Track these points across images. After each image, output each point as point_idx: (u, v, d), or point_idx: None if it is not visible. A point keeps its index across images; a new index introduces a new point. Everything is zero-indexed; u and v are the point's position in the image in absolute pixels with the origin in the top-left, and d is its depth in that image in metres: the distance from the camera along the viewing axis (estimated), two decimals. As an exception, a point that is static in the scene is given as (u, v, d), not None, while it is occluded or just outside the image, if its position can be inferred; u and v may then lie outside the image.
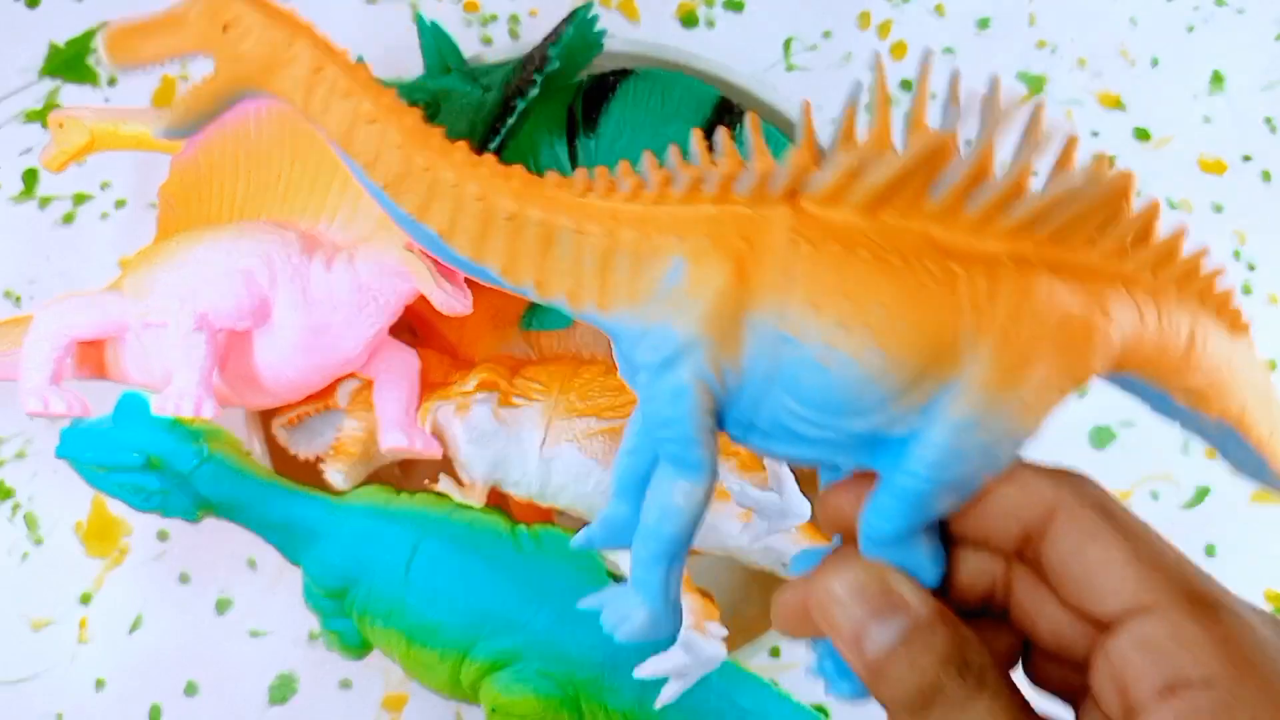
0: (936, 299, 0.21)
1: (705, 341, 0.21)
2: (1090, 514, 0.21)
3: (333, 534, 0.41)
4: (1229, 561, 0.53)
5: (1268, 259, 0.57)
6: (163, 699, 0.51)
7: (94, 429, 0.40)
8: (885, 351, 0.20)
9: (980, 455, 0.21)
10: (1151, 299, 0.23)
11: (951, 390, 0.21)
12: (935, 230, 0.21)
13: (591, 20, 0.44)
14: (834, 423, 0.21)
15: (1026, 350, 0.21)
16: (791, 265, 0.21)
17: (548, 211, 0.22)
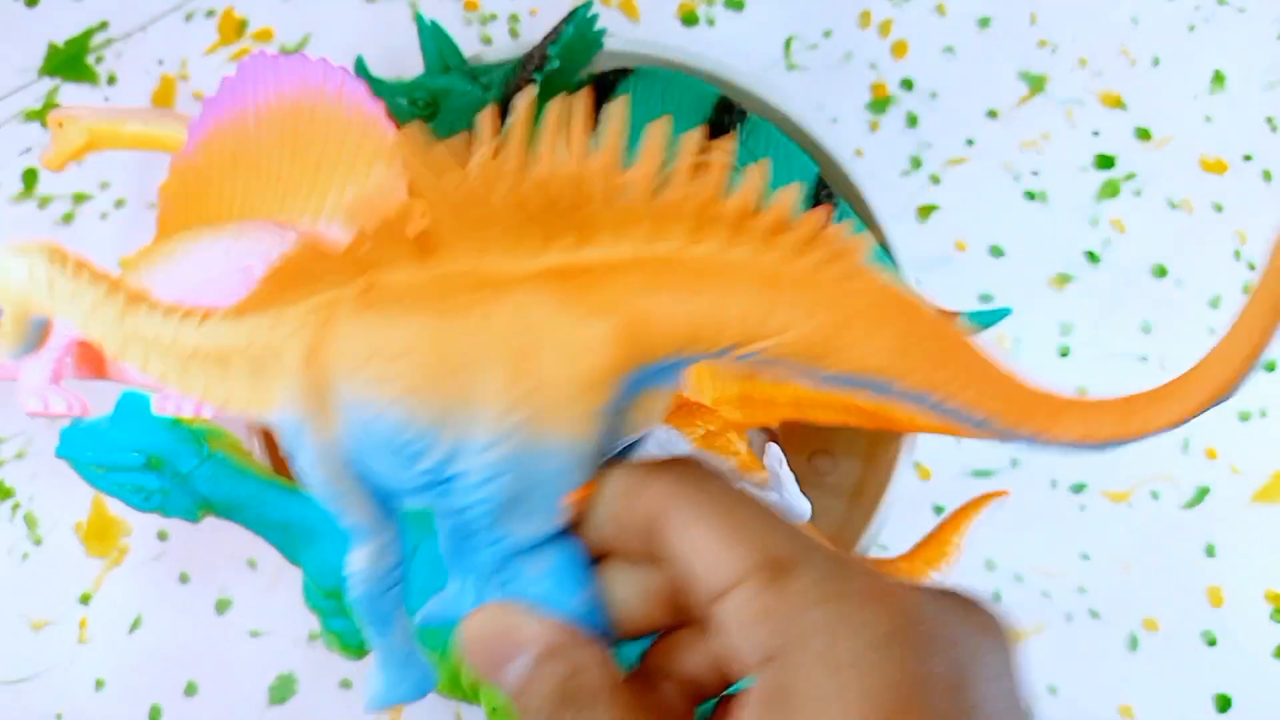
0: (447, 331, 0.22)
1: (306, 418, 0.23)
2: (688, 501, 0.21)
3: (333, 534, 0.41)
4: (1229, 561, 0.53)
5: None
6: (163, 699, 0.51)
7: (94, 428, 0.40)
8: (401, 397, 0.22)
9: (516, 473, 0.21)
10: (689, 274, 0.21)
11: (472, 418, 0.21)
12: (480, 264, 0.22)
13: (591, 19, 0.44)
14: (408, 470, 0.22)
15: (522, 363, 0.21)
16: (349, 334, 0.22)
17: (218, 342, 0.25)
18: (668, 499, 0.21)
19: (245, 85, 0.43)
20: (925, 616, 0.20)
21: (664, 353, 0.21)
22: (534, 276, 0.22)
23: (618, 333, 0.21)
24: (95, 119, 0.46)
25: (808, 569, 0.19)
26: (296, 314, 0.24)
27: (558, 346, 0.21)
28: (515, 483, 0.21)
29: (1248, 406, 0.55)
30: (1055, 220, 0.57)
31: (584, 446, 0.21)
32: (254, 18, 0.59)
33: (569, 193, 0.21)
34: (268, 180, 0.43)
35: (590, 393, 0.21)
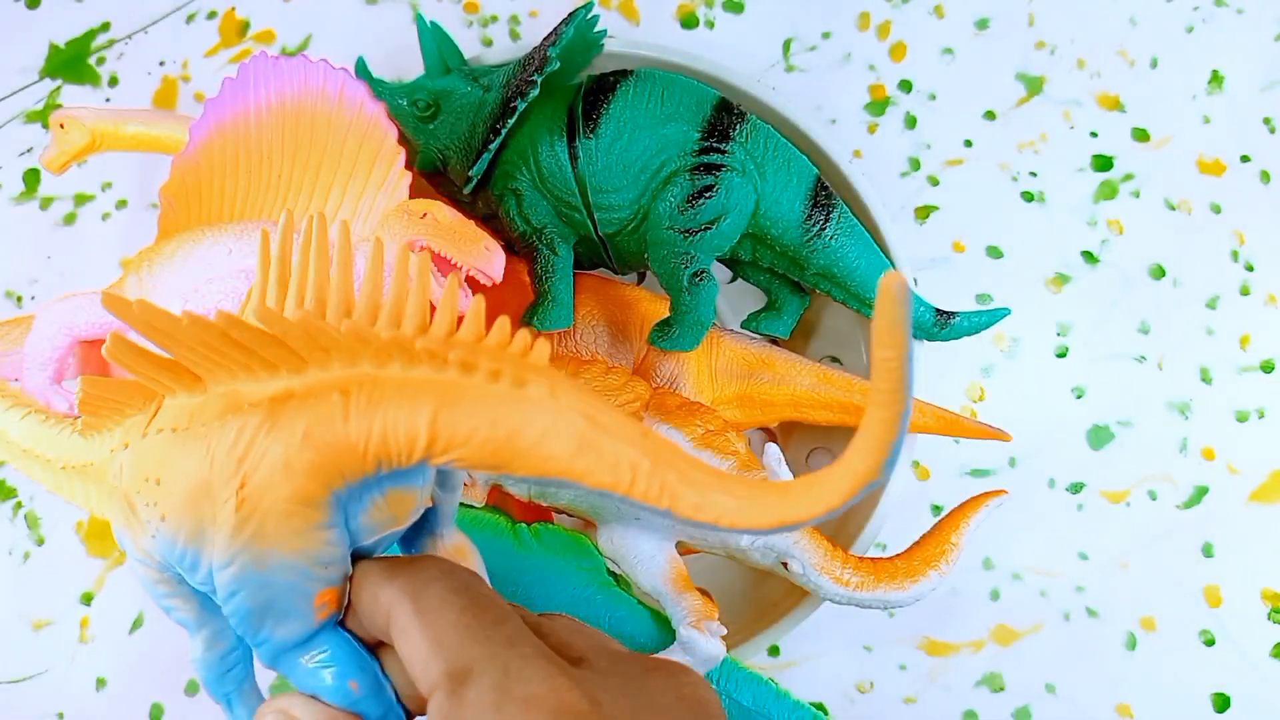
0: (189, 456, 0.23)
1: (125, 530, 0.25)
2: (409, 606, 0.22)
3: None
4: (1227, 561, 0.53)
5: (1267, 259, 0.57)
6: (163, 698, 0.51)
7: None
8: (164, 517, 0.24)
9: (253, 587, 0.23)
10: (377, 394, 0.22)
11: (214, 537, 0.23)
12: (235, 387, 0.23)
13: (591, 21, 0.44)
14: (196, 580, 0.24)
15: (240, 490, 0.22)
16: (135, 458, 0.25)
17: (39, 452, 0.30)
18: (396, 603, 0.23)
19: (246, 86, 0.43)
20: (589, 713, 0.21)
21: (366, 469, 0.22)
22: (260, 401, 0.23)
23: (316, 457, 0.22)
24: (97, 120, 0.46)
25: (482, 678, 0.21)
26: (113, 436, 0.26)
27: (263, 474, 0.22)
28: (255, 595, 0.23)
29: (1245, 407, 0.55)
30: (1053, 221, 0.57)
31: (313, 557, 0.23)
32: (255, 19, 0.59)
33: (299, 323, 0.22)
34: (269, 181, 0.43)
35: (304, 511, 0.23)
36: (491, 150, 0.43)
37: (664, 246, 0.43)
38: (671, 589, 0.40)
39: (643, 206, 0.43)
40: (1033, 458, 0.54)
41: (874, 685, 0.50)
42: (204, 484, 0.23)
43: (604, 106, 0.43)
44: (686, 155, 0.43)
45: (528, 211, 0.44)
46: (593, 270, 0.47)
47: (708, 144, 0.43)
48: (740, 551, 0.41)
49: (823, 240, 0.44)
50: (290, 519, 0.22)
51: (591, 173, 0.43)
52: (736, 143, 0.43)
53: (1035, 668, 0.52)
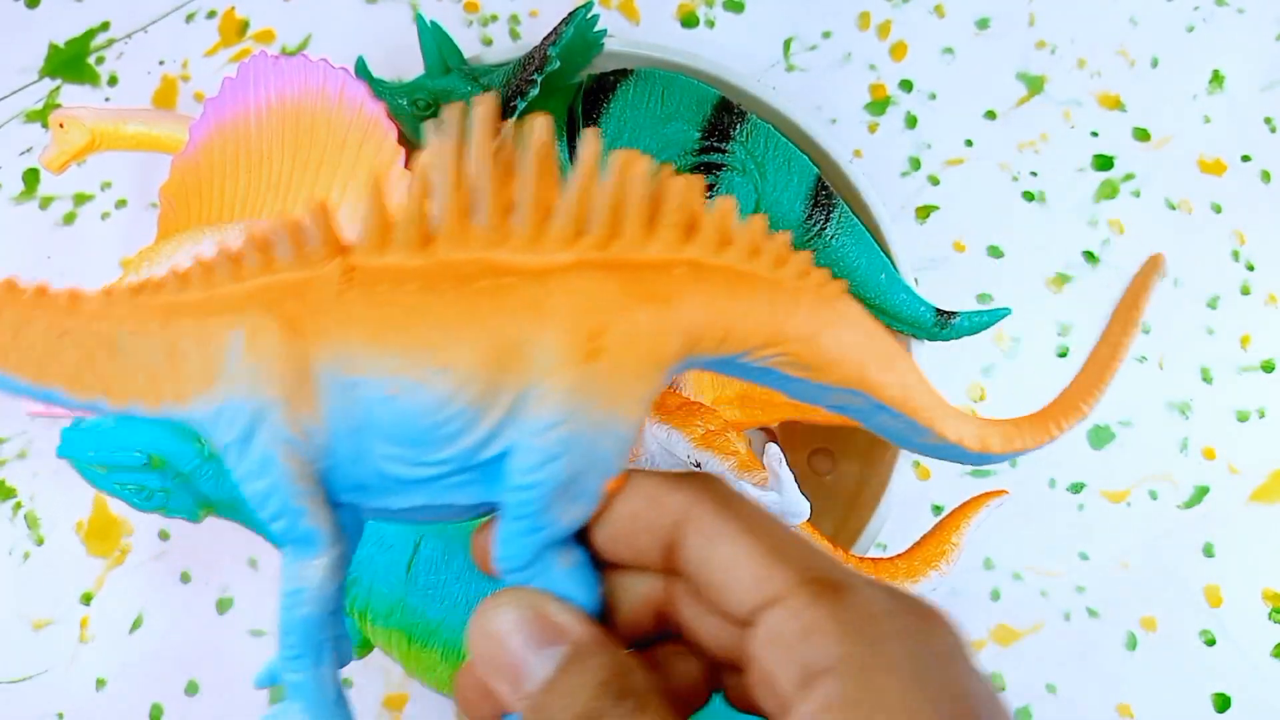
0: (489, 309, 0.21)
1: (276, 403, 0.21)
2: (714, 515, 0.21)
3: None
4: (1227, 561, 0.53)
5: (1267, 259, 0.57)
6: (163, 699, 0.51)
7: (95, 428, 0.40)
8: (450, 368, 0.21)
9: (576, 454, 0.21)
10: (721, 275, 0.22)
11: (529, 394, 0.21)
12: (491, 255, 0.21)
13: (591, 20, 0.44)
14: (429, 455, 0.21)
15: (593, 341, 0.21)
16: (343, 312, 0.21)
17: (101, 321, 0.22)
18: (693, 507, 0.21)
19: (246, 86, 0.43)
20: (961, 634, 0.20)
21: (705, 349, 0.22)
22: (575, 266, 0.21)
23: (681, 322, 0.22)
24: (96, 119, 0.46)
25: (858, 587, 0.20)
26: (232, 296, 0.22)
27: (625, 328, 0.21)
28: (573, 464, 0.21)
29: (1246, 407, 0.55)
30: (1054, 221, 0.57)
31: (634, 431, 0.21)
32: (255, 19, 0.59)
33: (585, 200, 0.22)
34: (269, 181, 0.43)
35: (652, 377, 0.21)
36: (491, 150, 0.43)
37: (664, 246, 0.43)
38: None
39: (643, 206, 0.43)
40: (1033, 458, 0.54)
41: (874, 685, 0.50)
42: (510, 335, 0.21)
43: (604, 106, 0.43)
44: (687, 155, 0.43)
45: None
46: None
47: (708, 143, 0.43)
48: (740, 551, 0.41)
49: (823, 240, 0.44)
50: (638, 382, 0.21)
51: (592, 172, 0.43)
52: (737, 142, 0.43)
53: (1036, 668, 0.52)
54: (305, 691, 0.23)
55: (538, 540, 0.21)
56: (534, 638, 0.21)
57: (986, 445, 0.26)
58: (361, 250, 0.21)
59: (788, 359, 0.23)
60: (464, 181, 0.21)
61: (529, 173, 0.21)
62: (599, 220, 0.22)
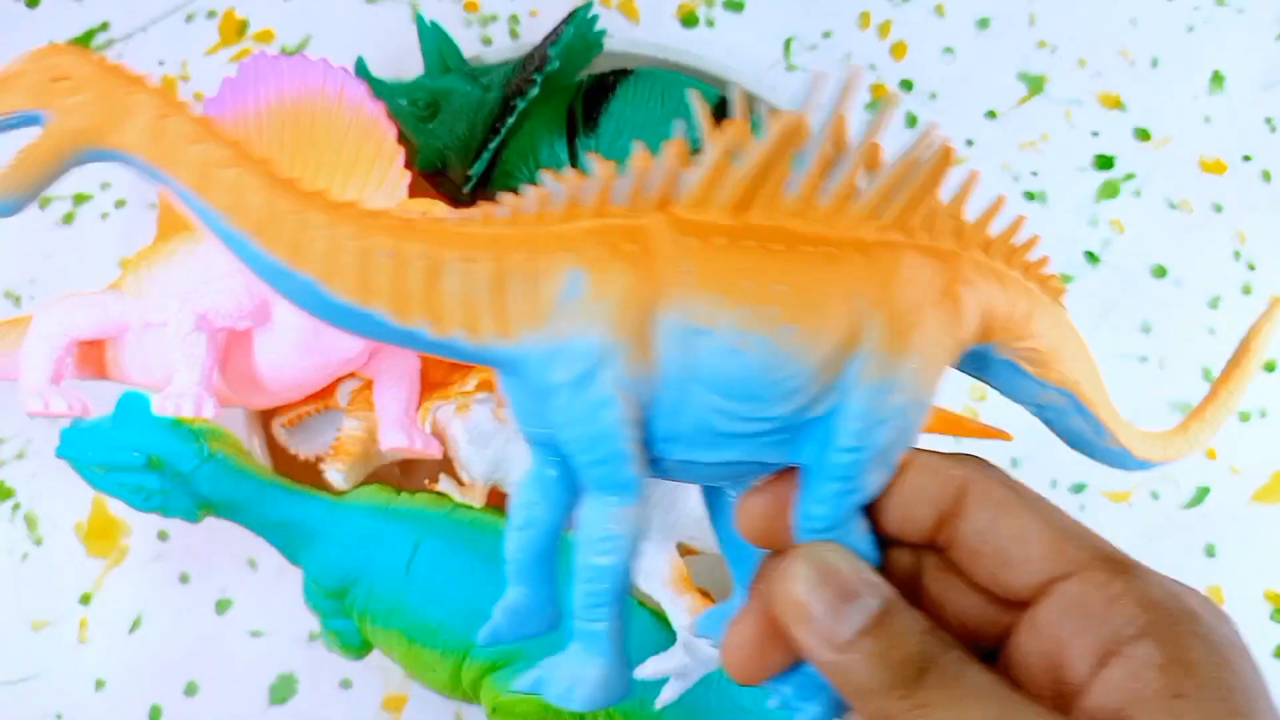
0: (827, 274, 0.21)
1: (620, 346, 0.20)
2: (1000, 489, 0.22)
3: (333, 534, 0.41)
4: (1229, 561, 0.53)
5: (1268, 259, 0.57)
6: (163, 699, 0.51)
7: (94, 429, 0.40)
8: (798, 325, 0.21)
9: (898, 421, 0.22)
10: (991, 272, 0.24)
11: (858, 360, 0.21)
12: (796, 225, 0.22)
13: (591, 20, 0.44)
14: (760, 411, 0.21)
15: (912, 316, 0.22)
16: (685, 261, 0.21)
17: (430, 244, 0.21)
18: (977, 481, 0.22)
19: (246, 86, 0.43)
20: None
21: (989, 336, 0.24)
22: (886, 244, 0.22)
23: (981, 307, 0.23)
24: (96, 119, 0.46)
25: (1145, 569, 0.21)
26: (565, 233, 0.21)
27: (942, 308, 0.22)
28: (892, 431, 0.22)
29: (1247, 407, 0.55)
30: (1055, 220, 0.57)
31: (932, 404, 0.23)
32: (255, 19, 0.59)
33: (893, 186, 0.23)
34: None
35: (952, 355, 0.23)
36: (491, 149, 0.43)
37: (664, 246, 0.43)
38: (671, 589, 0.40)
39: (643, 206, 0.43)
40: (1034, 458, 0.54)
41: (875, 686, 0.50)
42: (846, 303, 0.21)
43: (604, 106, 0.43)
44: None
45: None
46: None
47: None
48: (741, 552, 0.41)
49: (823, 240, 0.44)
50: (946, 358, 0.23)
51: (591, 172, 0.43)
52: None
53: (1036, 668, 0.52)
54: (601, 640, 0.22)
55: (851, 502, 0.22)
56: (846, 590, 0.21)
57: (1146, 453, 0.29)
58: (683, 205, 0.22)
59: (1028, 353, 0.25)
60: (786, 153, 0.22)
61: (855, 155, 0.23)
62: (894, 207, 0.23)
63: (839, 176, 0.22)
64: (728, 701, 0.41)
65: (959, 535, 0.22)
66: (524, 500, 0.23)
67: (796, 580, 0.21)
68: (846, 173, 0.22)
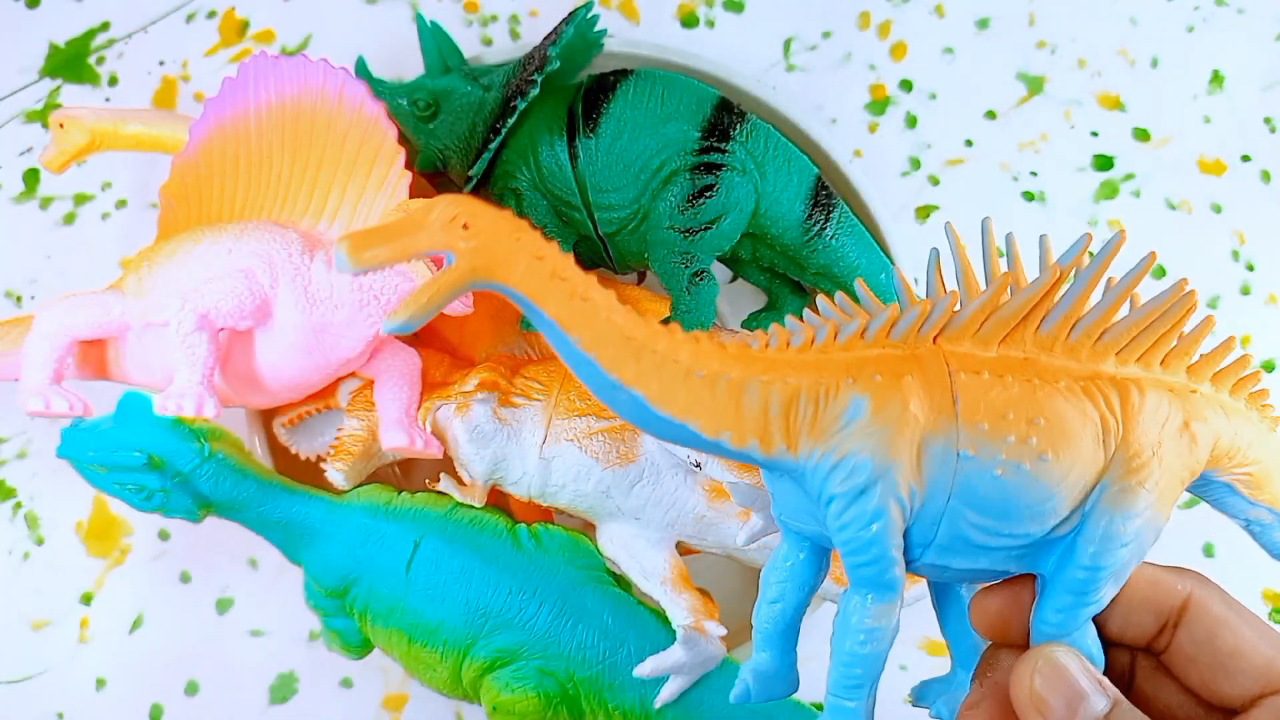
0: (1078, 409, 0.24)
1: (896, 465, 0.23)
2: (1219, 605, 0.25)
3: (333, 533, 0.41)
4: (1228, 561, 0.53)
5: (1267, 259, 0.57)
6: (163, 699, 0.51)
7: (95, 428, 0.40)
8: (1053, 456, 0.24)
9: (1136, 544, 0.25)
10: (1219, 404, 0.27)
11: (1103, 488, 0.25)
12: (1046, 358, 0.25)
13: (591, 20, 0.44)
14: (1011, 529, 0.24)
15: (1151, 449, 0.25)
16: (955, 392, 0.24)
17: (735, 367, 0.25)
18: (1200, 596, 0.25)
19: (246, 86, 0.43)
20: None
21: (1215, 465, 0.26)
22: (1131, 379, 0.25)
23: (1210, 440, 0.26)
24: (96, 120, 0.46)
25: None
26: (848, 361, 0.25)
27: (1178, 444, 0.25)
28: (1131, 551, 0.25)
29: (1246, 406, 0.55)
30: (1054, 221, 0.57)
31: (1163, 528, 0.25)
32: (255, 19, 0.59)
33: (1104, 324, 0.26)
34: (268, 181, 0.43)
35: (1185, 484, 0.26)
36: (491, 150, 0.43)
37: (664, 246, 0.43)
38: (671, 589, 0.40)
39: (643, 206, 0.43)
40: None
41: (874, 685, 0.50)
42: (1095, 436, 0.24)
43: (604, 106, 0.43)
44: (687, 155, 0.43)
45: (527, 211, 0.44)
46: (593, 270, 0.47)
47: (708, 143, 0.43)
48: (740, 551, 0.41)
49: (823, 240, 0.44)
50: (1178, 487, 0.26)
51: (591, 172, 0.43)
52: (737, 142, 0.43)
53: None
54: (853, 717, 0.25)
55: (1086, 613, 0.25)
56: (1075, 690, 0.24)
57: None
58: (949, 338, 0.25)
59: (1245, 477, 0.27)
60: (1051, 298, 0.25)
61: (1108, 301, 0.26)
62: (1138, 346, 0.26)
63: (1093, 317, 0.26)
64: (726, 700, 0.41)
65: (1176, 643, 0.25)
66: (776, 579, 0.27)
67: (1036, 677, 0.24)
68: (1101, 313, 0.26)
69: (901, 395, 0.24)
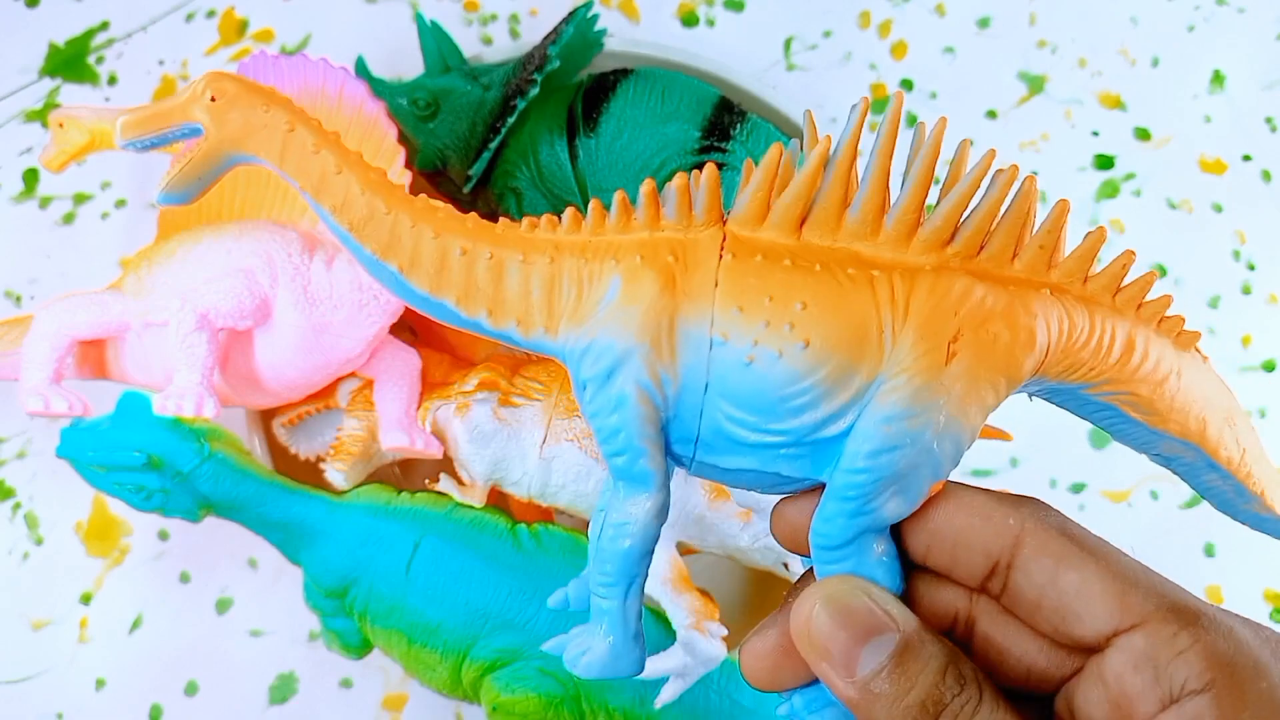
0: (855, 296, 0.22)
1: (641, 348, 0.22)
2: (1058, 539, 0.22)
3: (333, 533, 0.41)
4: (1228, 561, 0.53)
5: (1268, 259, 0.57)
6: (163, 699, 0.51)
7: (95, 428, 0.40)
8: (808, 344, 0.22)
9: (916, 449, 0.22)
10: (1082, 305, 0.23)
11: (878, 384, 0.22)
12: (857, 246, 0.23)
13: (591, 20, 0.44)
14: (770, 425, 0.22)
15: (949, 344, 0.22)
16: (717, 275, 0.22)
17: (497, 246, 0.24)
18: (1033, 531, 0.22)
19: (246, 85, 0.43)
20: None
21: (1055, 373, 0.23)
22: (941, 268, 0.22)
23: (1037, 341, 0.23)
24: (96, 119, 0.46)
25: (1216, 615, 0.21)
26: (616, 243, 0.23)
27: (984, 338, 0.22)
28: (909, 458, 0.22)
29: (1247, 406, 0.55)
30: (1055, 220, 0.57)
31: (973, 437, 0.22)
32: (255, 18, 0.59)
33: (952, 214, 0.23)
34: (269, 181, 0.43)
35: (1001, 390, 0.23)
36: (491, 149, 0.43)
37: (664, 246, 0.43)
38: (672, 589, 0.40)
39: (643, 206, 0.43)
40: (1034, 458, 0.54)
41: (875, 685, 0.50)
42: (868, 326, 0.22)
43: (604, 105, 0.43)
44: (687, 154, 0.43)
45: (527, 210, 0.44)
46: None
47: (708, 142, 0.43)
48: (740, 552, 0.41)
49: (823, 239, 0.44)
50: (992, 392, 0.22)
51: (591, 171, 0.43)
52: (737, 141, 0.43)
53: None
54: (611, 617, 0.24)
55: (858, 525, 0.22)
56: (865, 628, 0.22)
57: None
58: (738, 221, 0.23)
59: (1130, 399, 0.24)
60: (851, 175, 0.23)
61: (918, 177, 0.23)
62: (970, 230, 0.23)
63: (901, 201, 0.23)
64: (727, 701, 0.41)
65: (1015, 586, 0.22)
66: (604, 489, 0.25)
67: (815, 620, 0.22)
68: (908, 197, 0.23)
69: (654, 276, 0.22)
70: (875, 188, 0.23)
